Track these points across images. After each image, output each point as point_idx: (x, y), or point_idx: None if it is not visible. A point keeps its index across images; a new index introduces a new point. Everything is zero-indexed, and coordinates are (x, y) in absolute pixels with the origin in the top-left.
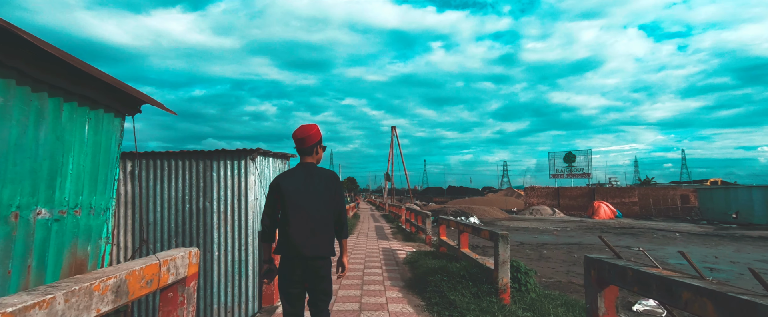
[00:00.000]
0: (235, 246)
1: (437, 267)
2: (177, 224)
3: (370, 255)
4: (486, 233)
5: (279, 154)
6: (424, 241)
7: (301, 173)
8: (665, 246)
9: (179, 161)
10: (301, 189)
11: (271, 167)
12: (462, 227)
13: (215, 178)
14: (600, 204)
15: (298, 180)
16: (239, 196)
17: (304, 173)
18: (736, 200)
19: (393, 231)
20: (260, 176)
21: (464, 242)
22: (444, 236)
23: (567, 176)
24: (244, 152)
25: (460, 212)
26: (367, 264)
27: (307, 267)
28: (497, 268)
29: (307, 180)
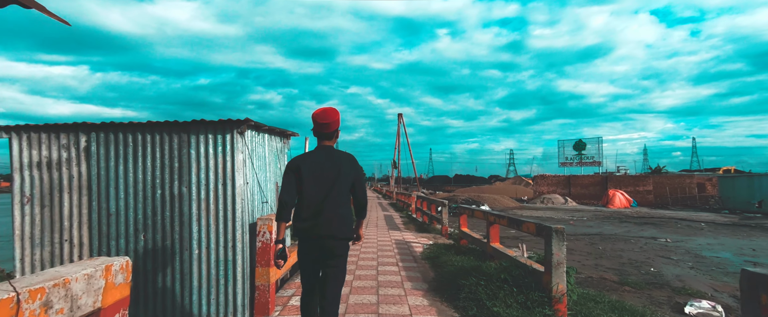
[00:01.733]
0: (220, 242)
1: (468, 266)
2: (146, 214)
3: (382, 248)
4: (531, 226)
5: (277, 130)
6: (439, 232)
7: (320, 155)
8: (693, 237)
9: (148, 136)
10: (320, 171)
11: (267, 146)
12: (493, 219)
13: (193, 156)
14: (615, 193)
15: (318, 162)
16: (224, 179)
17: (324, 156)
18: (760, 188)
19: (404, 221)
20: (252, 154)
21: (495, 236)
22: (465, 228)
23: (577, 164)
24: (229, 124)
25: (470, 200)
26: (380, 260)
27: (323, 246)
28: (550, 271)
29: (327, 163)
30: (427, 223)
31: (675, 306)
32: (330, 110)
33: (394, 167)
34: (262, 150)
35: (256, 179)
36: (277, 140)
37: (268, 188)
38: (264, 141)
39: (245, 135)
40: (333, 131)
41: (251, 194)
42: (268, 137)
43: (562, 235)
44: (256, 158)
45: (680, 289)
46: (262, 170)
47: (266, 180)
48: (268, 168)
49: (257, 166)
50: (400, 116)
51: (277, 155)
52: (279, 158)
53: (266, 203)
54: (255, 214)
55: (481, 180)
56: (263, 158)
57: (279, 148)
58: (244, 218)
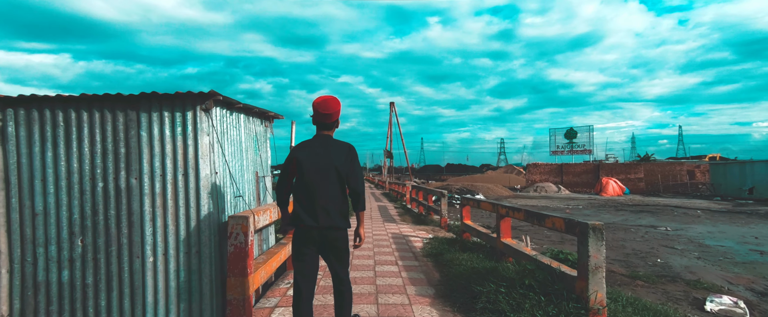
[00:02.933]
0: (181, 247)
1: (481, 268)
2: (83, 214)
3: (378, 243)
4: (558, 221)
5: (255, 109)
6: (438, 224)
7: (318, 144)
8: (691, 225)
9: (84, 113)
10: (317, 161)
11: (244, 128)
12: (505, 211)
13: (145, 140)
14: (608, 181)
15: (316, 151)
16: (185, 169)
17: (322, 145)
18: (752, 175)
19: (399, 212)
20: (223, 138)
21: (506, 230)
22: (468, 220)
23: (568, 152)
24: (190, 98)
25: (465, 189)
26: (377, 258)
27: (323, 237)
28: (585, 276)
29: (325, 152)
30: (423, 214)
31: (694, 302)
32: (332, 99)
33: (387, 156)
34: (237, 133)
35: (228, 169)
36: (256, 123)
37: (244, 180)
38: (239, 123)
39: (212, 113)
40: (333, 122)
41: (221, 186)
42: (245, 119)
43: (600, 234)
44: (228, 143)
45: (695, 283)
46: (237, 158)
47: (242, 170)
48: (245, 155)
49: (230, 152)
50: (392, 104)
51: (257, 140)
52: (260, 144)
53: (241, 198)
54: (227, 211)
55: (473, 169)
56: (238, 142)
57: (260, 132)
58: (212, 216)
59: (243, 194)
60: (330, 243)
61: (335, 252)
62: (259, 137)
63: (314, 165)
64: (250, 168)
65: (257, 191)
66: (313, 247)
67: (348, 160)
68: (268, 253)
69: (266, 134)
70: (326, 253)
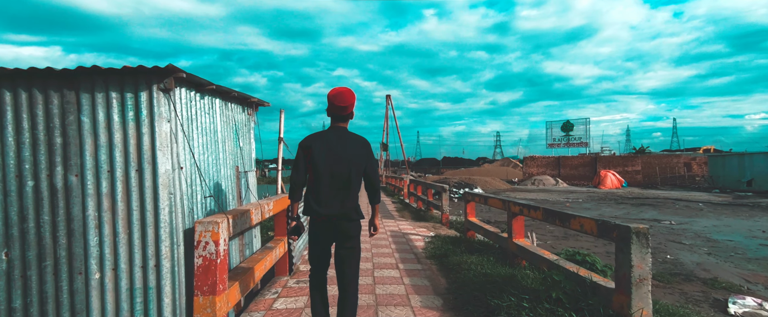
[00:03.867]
0: (136, 259)
1: (495, 274)
2: (9, 220)
3: (377, 242)
4: (589, 224)
5: (233, 94)
6: (438, 221)
7: (333, 136)
8: (695, 219)
9: (7, 94)
10: (332, 153)
11: (219, 115)
12: (518, 209)
13: (87, 127)
14: (606, 173)
15: (331, 144)
16: (140, 163)
17: (337, 137)
18: (751, 167)
19: (397, 207)
20: (191, 125)
21: (519, 230)
22: (473, 218)
23: (564, 145)
24: (145, 75)
25: (463, 183)
26: (376, 260)
27: (336, 227)
28: (627, 290)
29: (340, 144)
30: (423, 210)
31: (715, 304)
32: (347, 92)
33: (384, 149)
34: (209, 120)
35: (196, 163)
36: (236, 110)
37: (221, 176)
38: (213, 108)
39: (175, 95)
40: (349, 114)
41: (188, 184)
42: (222, 104)
43: (645, 240)
44: (198, 132)
45: (712, 282)
46: (210, 150)
47: (218, 164)
48: (222, 147)
49: (201, 143)
50: (389, 97)
51: (238, 130)
52: (242, 134)
53: (214, 198)
54: (195, 214)
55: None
56: (212, 131)
57: (241, 121)
58: (175, 221)
59: (219, 193)
60: (343, 232)
61: (347, 241)
62: (241, 127)
63: (331, 157)
64: (229, 162)
65: (238, 189)
66: (327, 236)
67: (365, 154)
68: (251, 260)
69: (249, 123)
70: (340, 244)
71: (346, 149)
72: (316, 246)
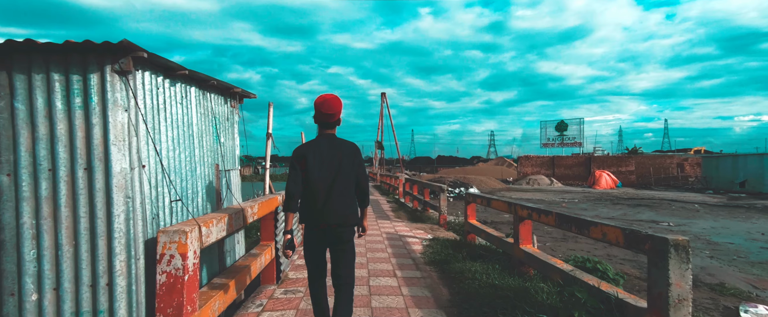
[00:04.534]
0: (84, 277)
1: (505, 286)
2: None
3: (372, 246)
4: (614, 232)
5: (212, 82)
6: (436, 222)
7: (324, 144)
8: (693, 220)
9: None
10: (324, 160)
11: (195, 106)
12: (526, 213)
13: (22, 116)
14: (601, 174)
15: (322, 151)
16: (89, 160)
17: (328, 144)
18: (744, 168)
19: (392, 207)
20: (159, 115)
21: (526, 235)
22: (474, 220)
23: (558, 145)
24: (94, 54)
25: (458, 182)
26: (372, 266)
27: (333, 234)
28: (664, 310)
29: (331, 151)
30: (419, 210)
31: (725, 312)
32: (334, 99)
33: (378, 147)
34: (183, 112)
35: (161, 161)
36: (217, 101)
37: (196, 175)
38: (188, 98)
39: (135, 79)
40: (336, 121)
41: (152, 186)
42: (199, 93)
43: (685, 253)
44: (168, 124)
45: (720, 288)
46: (184, 145)
47: (192, 162)
48: (199, 143)
49: (172, 137)
50: (383, 95)
51: (218, 124)
52: (223, 129)
53: (179, 203)
54: (162, 221)
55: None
56: (185, 124)
57: (222, 113)
58: (134, 230)
59: (195, 194)
60: (337, 237)
61: (341, 245)
62: (222, 120)
63: (323, 165)
64: (208, 160)
65: (217, 190)
66: (324, 244)
67: (355, 159)
68: (232, 270)
69: (232, 116)
70: (334, 248)
71: (339, 156)
72: (313, 253)
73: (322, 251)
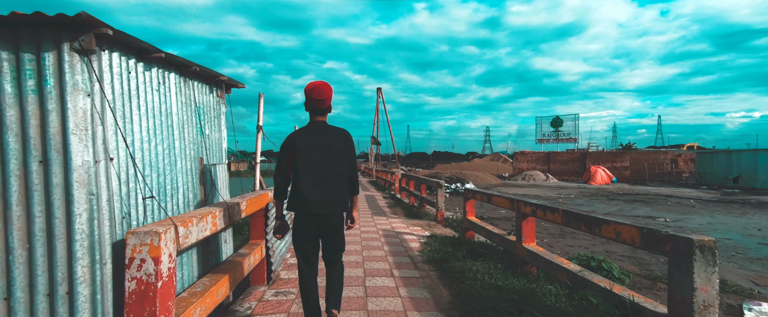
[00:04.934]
0: (39, 286)
1: (511, 289)
2: None
3: (368, 243)
4: (629, 231)
5: (196, 67)
6: (433, 218)
7: (314, 131)
8: (689, 216)
9: None
10: (315, 148)
11: (176, 94)
12: (530, 209)
13: None
14: (596, 169)
15: (313, 139)
16: (45, 152)
17: (318, 132)
18: (738, 164)
19: (389, 203)
20: (130, 102)
21: (529, 233)
22: (473, 216)
23: (554, 140)
24: (49, 30)
25: (454, 178)
26: (368, 265)
27: (322, 222)
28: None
29: (321, 139)
30: (415, 206)
31: (729, 310)
32: (324, 85)
33: (374, 143)
34: (160, 99)
35: (131, 154)
36: (201, 90)
37: (177, 170)
38: (166, 84)
39: (100, 60)
40: (327, 107)
41: (123, 182)
42: (180, 80)
43: (711, 255)
44: (142, 112)
45: (721, 286)
46: (161, 137)
47: (172, 155)
48: (180, 134)
49: (147, 128)
50: (379, 90)
51: (202, 114)
52: (209, 120)
53: (154, 200)
54: (131, 222)
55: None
56: (163, 113)
57: (208, 103)
58: (99, 232)
59: (175, 190)
60: (329, 227)
61: (332, 236)
62: (207, 110)
63: (313, 152)
64: (190, 153)
65: (202, 186)
66: (313, 232)
67: (345, 146)
68: (217, 272)
69: (219, 106)
70: (324, 237)
71: (329, 142)
72: (303, 241)
73: (313, 240)
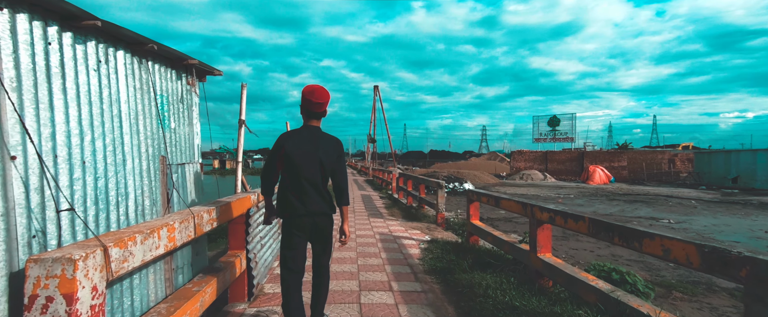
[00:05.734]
0: None
1: (531, 311)
2: None
3: (364, 249)
4: (684, 250)
5: (153, 46)
6: (433, 220)
7: (308, 135)
8: (692, 217)
9: None
10: (305, 151)
11: (127, 77)
12: (546, 216)
13: None
14: (595, 169)
15: (305, 143)
16: None
17: (311, 137)
18: (737, 164)
19: (386, 204)
20: (54, 84)
21: (545, 241)
22: (477, 220)
23: (551, 140)
24: None
25: (452, 177)
26: (364, 276)
27: (312, 224)
28: None
29: (314, 144)
30: (414, 207)
31: None
32: (323, 90)
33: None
34: (97, 82)
35: (38, 153)
36: (166, 75)
37: (127, 171)
38: (109, 64)
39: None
40: (323, 111)
41: (26, 189)
42: (131, 61)
43: None
44: (69, 96)
45: (739, 293)
46: (100, 129)
47: (119, 153)
48: (132, 127)
49: (76, 117)
50: (376, 88)
51: (166, 103)
52: (176, 111)
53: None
54: (45, 242)
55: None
56: (105, 100)
57: (175, 92)
58: None
59: (123, 197)
60: (320, 229)
61: (323, 239)
62: (172, 100)
63: (303, 156)
64: (146, 150)
65: (164, 191)
66: (303, 235)
67: (335, 155)
68: (180, 296)
69: (190, 96)
70: (314, 239)
71: (319, 149)
72: (289, 248)
73: (300, 247)
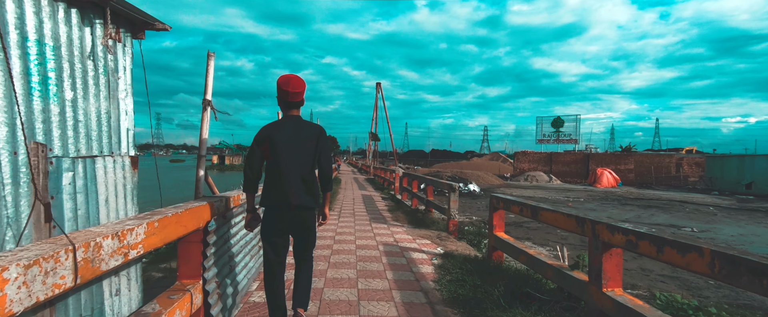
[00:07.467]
0: None
1: None
2: None
3: (366, 266)
4: None
5: None
6: (442, 227)
7: (289, 125)
8: (714, 225)
9: None
10: (289, 142)
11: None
12: (621, 240)
13: None
14: (603, 172)
15: (287, 132)
16: None
17: (293, 126)
18: (752, 169)
19: (388, 206)
20: None
21: (614, 272)
22: (502, 232)
23: (554, 141)
24: None
25: (457, 177)
26: (365, 307)
27: (294, 217)
28: None
29: (296, 133)
30: (420, 211)
31: None
32: (298, 79)
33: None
34: None
35: None
36: (53, 14)
37: None
38: None
39: None
40: (300, 100)
41: None
42: None
43: None
44: None
45: None
46: None
47: None
48: None
49: None
50: (379, 85)
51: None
52: (81, 75)
53: None
54: None
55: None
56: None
57: (78, 44)
58: None
59: None
60: (301, 222)
61: (305, 232)
62: (71, 57)
63: (288, 146)
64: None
65: (35, 199)
66: (284, 227)
67: (320, 142)
68: None
69: (111, 56)
70: (296, 233)
71: (304, 137)
72: (273, 236)
73: (283, 235)
